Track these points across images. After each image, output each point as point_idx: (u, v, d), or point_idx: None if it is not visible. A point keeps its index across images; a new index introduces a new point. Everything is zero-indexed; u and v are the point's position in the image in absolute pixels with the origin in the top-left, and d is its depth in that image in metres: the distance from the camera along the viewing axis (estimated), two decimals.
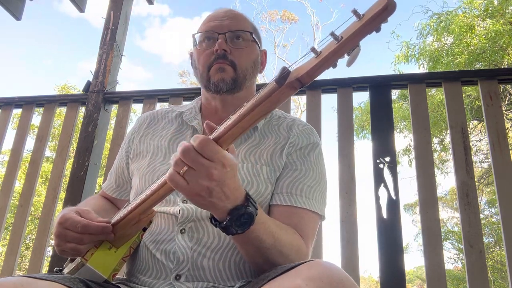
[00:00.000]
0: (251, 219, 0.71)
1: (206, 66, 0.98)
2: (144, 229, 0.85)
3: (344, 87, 1.86)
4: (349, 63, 0.54)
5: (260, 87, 0.67)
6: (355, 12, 0.51)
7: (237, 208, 0.69)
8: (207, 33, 1.00)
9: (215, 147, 0.64)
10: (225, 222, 0.70)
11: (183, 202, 0.90)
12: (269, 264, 0.77)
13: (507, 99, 8.42)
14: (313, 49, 0.55)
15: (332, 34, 0.52)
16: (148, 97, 2.10)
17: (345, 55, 0.53)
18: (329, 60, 0.53)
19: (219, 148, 0.65)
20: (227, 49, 0.96)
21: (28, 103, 2.29)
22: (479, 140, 9.48)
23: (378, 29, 0.51)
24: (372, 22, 0.50)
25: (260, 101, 0.61)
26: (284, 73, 0.58)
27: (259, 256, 0.79)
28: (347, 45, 0.52)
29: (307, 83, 0.57)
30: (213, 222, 0.73)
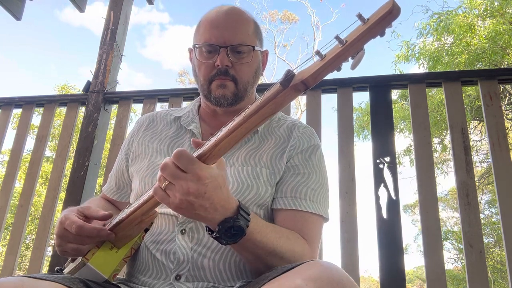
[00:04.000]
0: (242, 231, 0.72)
1: (207, 79, 0.97)
2: (146, 230, 0.85)
3: (344, 87, 1.86)
4: (353, 66, 0.54)
5: (260, 87, 0.67)
6: (359, 16, 0.51)
7: (225, 220, 0.71)
8: (208, 46, 0.96)
9: (189, 158, 0.66)
10: (215, 233, 0.71)
11: None
12: (271, 269, 0.77)
13: (507, 99, 8.42)
14: (317, 52, 0.55)
15: (337, 37, 0.52)
16: (148, 97, 2.10)
17: (349, 59, 0.53)
18: (334, 63, 0.53)
19: (194, 159, 0.66)
20: (229, 64, 0.94)
21: (28, 103, 2.28)
22: (479, 140, 9.48)
23: (382, 33, 0.51)
24: (376, 26, 0.50)
25: (265, 103, 0.60)
26: (289, 76, 0.58)
27: (259, 262, 0.79)
28: (351, 48, 0.52)
29: (311, 85, 0.57)
30: (207, 231, 0.74)
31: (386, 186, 1.66)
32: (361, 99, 11.73)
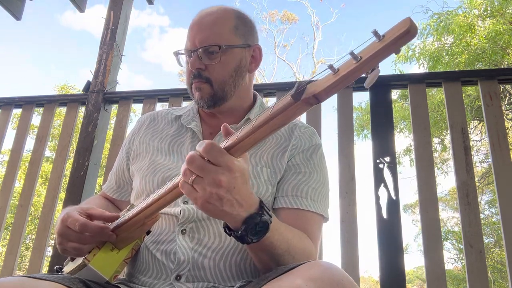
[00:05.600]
0: (266, 227, 0.70)
1: (188, 83, 1.00)
2: (148, 232, 0.85)
3: (344, 87, 1.86)
4: (368, 85, 0.52)
5: (259, 87, 0.67)
6: (375, 33, 0.49)
7: (252, 216, 0.68)
8: (185, 51, 0.99)
9: (220, 151, 0.63)
10: (240, 232, 0.68)
11: (183, 203, 0.90)
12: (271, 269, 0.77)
13: (507, 99, 8.43)
14: (330, 66, 0.53)
15: (351, 53, 0.51)
16: (148, 97, 2.10)
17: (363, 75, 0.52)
18: (347, 79, 0.52)
19: (224, 152, 0.63)
20: (202, 66, 0.95)
21: (28, 103, 2.28)
22: (479, 140, 9.48)
23: (398, 51, 0.49)
24: (393, 45, 0.48)
25: (275, 115, 0.59)
26: (300, 89, 0.56)
27: (272, 261, 0.78)
28: (366, 66, 0.50)
29: (323, 100, 0.55)
30: (227, 231, 0.71)
31: (386, 186, 1.66)
32: (361, 98, 11.74)
